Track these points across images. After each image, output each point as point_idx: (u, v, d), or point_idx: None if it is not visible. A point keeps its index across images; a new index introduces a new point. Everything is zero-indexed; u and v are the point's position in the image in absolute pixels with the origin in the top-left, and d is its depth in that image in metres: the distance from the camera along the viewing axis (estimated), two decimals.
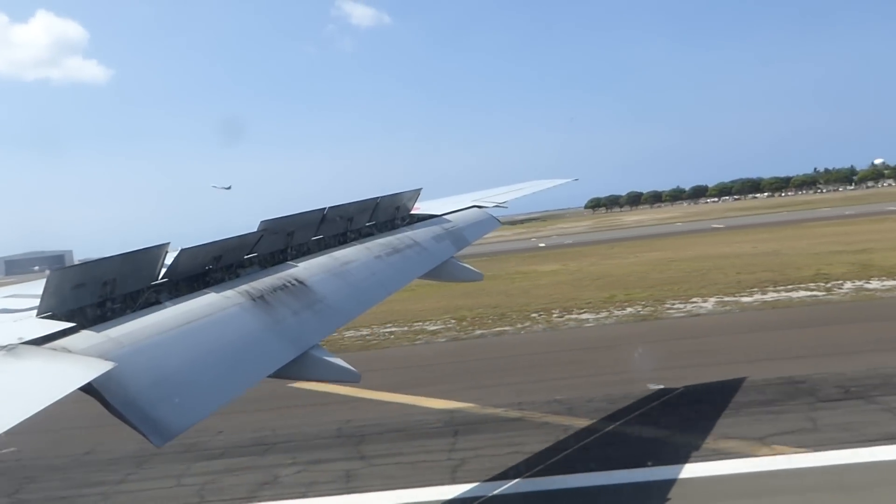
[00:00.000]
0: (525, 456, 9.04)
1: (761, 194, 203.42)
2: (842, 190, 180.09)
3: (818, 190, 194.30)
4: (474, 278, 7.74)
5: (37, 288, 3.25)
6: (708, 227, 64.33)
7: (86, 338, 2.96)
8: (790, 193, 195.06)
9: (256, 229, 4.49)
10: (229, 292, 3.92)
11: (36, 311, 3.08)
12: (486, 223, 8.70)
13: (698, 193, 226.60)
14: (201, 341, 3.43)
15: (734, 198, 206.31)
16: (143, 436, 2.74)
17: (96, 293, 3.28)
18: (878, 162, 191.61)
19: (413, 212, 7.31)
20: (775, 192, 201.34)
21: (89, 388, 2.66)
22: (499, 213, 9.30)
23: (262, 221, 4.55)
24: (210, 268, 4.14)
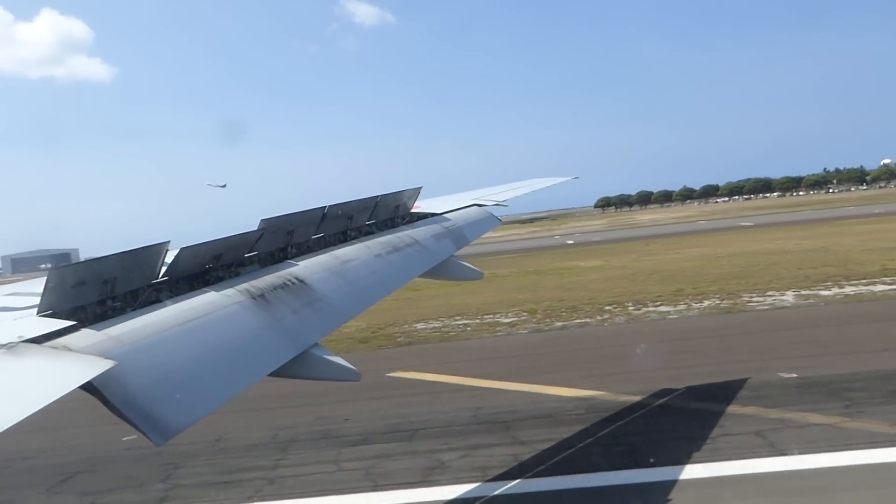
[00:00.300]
0: (702, 441, 8.91)
1: (771, 194, 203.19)
2: (854, 190, 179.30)
3: (829, 190, 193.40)
4: (474, 277, 7.74)
5: (37, 286, 3.25)
6: (736, 224, 63.95)
7: (86, 336, 2.96)
8: (801, 193, 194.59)
9: (257, 228, 4.49)
10: (229, 291, 3.93)
11: (36, 310, 3.09)
12: (487, 222, 8.69)
13: (708, 193, 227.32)
14: (201, 340, 3.44)
15: (745, 197, 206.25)
16: (143, 434, 2.74)
17: (97, 291, 3.28)
18: (887, 162, 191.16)
19: (413, 210, 7.31)
20: (786, 192, 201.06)
21: (90, 387, 2.66)
22: (505, 212, 9.31)
23: (262, 220, 4.55)
24: (210, 266, 4.14)
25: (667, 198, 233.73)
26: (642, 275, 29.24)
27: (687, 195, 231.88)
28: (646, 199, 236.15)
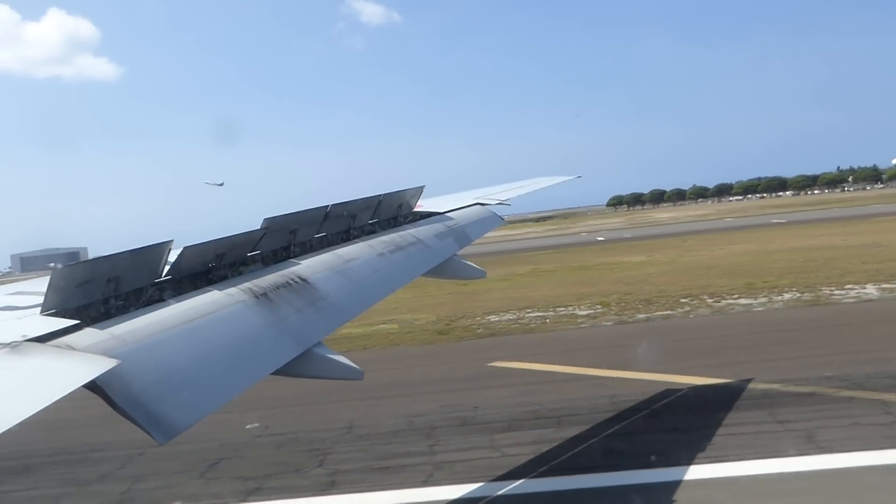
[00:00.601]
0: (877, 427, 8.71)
1: (785, 192, 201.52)
2: (869, 188, 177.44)
3: (844, 188, 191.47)
4: (477, 276, 7.73)
5: (41, 285, 3.26)
6: (767, 222, 62.87)
7: (89, 335, 2.97)
8: (816, 192, 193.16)
9: (259, 227, 4.50)
10: (232, 290, 3.93)
11: (40, 309, 3.09)
12: (489, 220, 8.69)
13: (722, 191, 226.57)
14: (204, 339, 3.44)
15: (759, 196, 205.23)
16: (147, 433, 2.74)
17: (100, 290, 3.29)
18: None
19: (416, 209, 7.32)
20: (801, 191, 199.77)
21: (93, 386, 2.67)
22: (511, 211, 9.20)
23: (265, 219, 4.55)
24: (213, 265, 4.15)
25: (680, 196, 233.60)
26: (699, 269, 28.71)
27: (700, 193, 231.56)
28: (658, 197, 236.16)
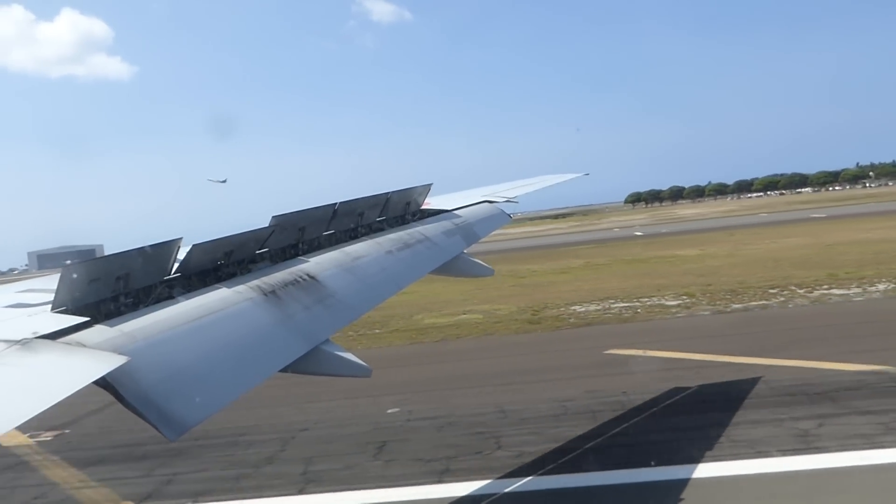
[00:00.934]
0: None
1: (804, 189, 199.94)
2: (892, 184, 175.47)
3: (865, 185, 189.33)
4: (485, 273, 7.72)
5: (52, 283, 3.28)
6: (807, 216, 61.74)
7: (100, 332, 2.99)
8: (837, 188, 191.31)
9: (268, 225, 4.51)
10: (241, 287, 3.94)
11: (51, 306, 3.12)
12: (497, 218, 8.68)
13: (741, 188, 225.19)
14: (213, 336, 3.45)
15: (779, 192, 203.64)
16: (156, 429, 2.76)
17: (110, 288, 3.31)
18: None
19: (424, 207, 7.31)
20: (822, 187, 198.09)
21: (104, 383, 2.69)
22: (524, 209, 9.15)
23: (273, 217, 4.56)
24: (222, 263, 4.16)
25: (698, 193, 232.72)
26: (766, 261, 28.18)
27: (719, 190, 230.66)
28: (677, 194, 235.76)
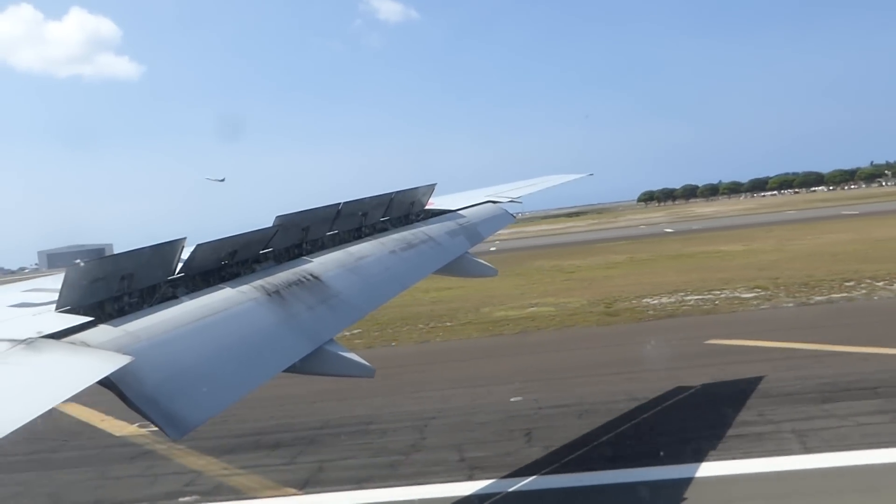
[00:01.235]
0: None
1: (820, 188, 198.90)
2: None
3: (882, 183, 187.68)
4: (489, 273, 7.73)
5: (56, 282, 3.29)
6: (838, 213, 60.84)
7: (103, 332, 2.99)
8: (853, 186, 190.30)
9: (272, 224, 4.51)
10: (245, 287, 3.94)
11: (55, 306, 3.12)
12: (500, 218, 8.68)
13: (756, 187, 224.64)
14: (217, 336, 3.45)
15: (794, 191, 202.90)
16: (160, 429, 2.76)
17: (114, 288, 3.31)
18: None
19: (427, 207, 7.31)
20: (837, 186, 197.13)
21: (107, 382, 2.69)
22: (539, 208, 9.09)
23: (277, 217, 4.56)
24: (226, 263, 4.16)
25: (712, 191, 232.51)
26: (823, 256, 27.78)
27: (733, 189, 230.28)
28: (691, 192, 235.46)
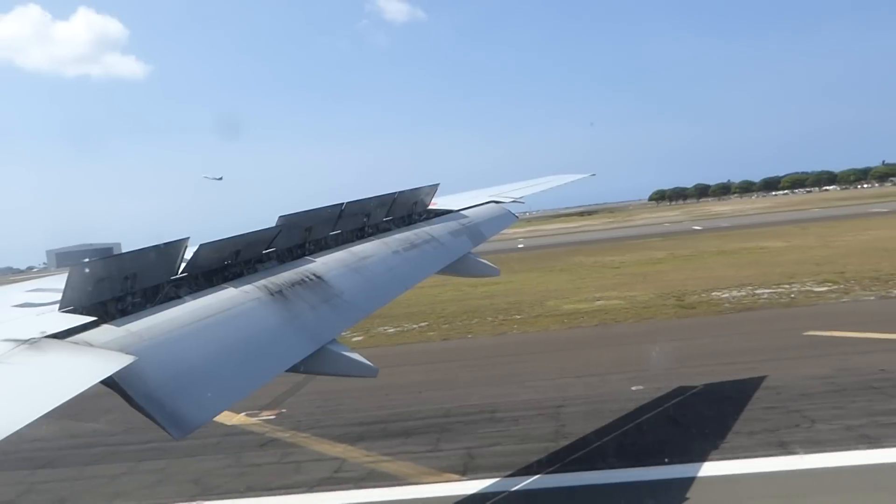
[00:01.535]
0: None
1: (831, 187, 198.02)
2: None
3: (894, 182, 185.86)
4: (492, 273, 7.72)
5: (59, 282, 3.29)
6: (867, 211, 60.29)
7: (107, 332, 2.99)
8: (867, 186, 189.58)
9: (275, 224, 4.51)
10: (248, 287, 3.94)
11: (58, 305, 3.12)
12: (503, 218, 8.68)
13: (768, 186, 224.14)
14: (220, 335, 3.46)
15: (806, 190, 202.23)
16: (163, 428, 2.76)
17: (117, 287, 3.31)
18: None
19: (430, 207, 7.31)
20: (850, 185, 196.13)
21: (111, 382, 2.69)
22: (547, 207, 9.01)
23: (280, 216, 4.56)
24: (229, 263, 4.17)
25: (725, 190, 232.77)
26: (877, 251, 27.60)
27: (745, 188, 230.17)
28: (703, 191, 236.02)
